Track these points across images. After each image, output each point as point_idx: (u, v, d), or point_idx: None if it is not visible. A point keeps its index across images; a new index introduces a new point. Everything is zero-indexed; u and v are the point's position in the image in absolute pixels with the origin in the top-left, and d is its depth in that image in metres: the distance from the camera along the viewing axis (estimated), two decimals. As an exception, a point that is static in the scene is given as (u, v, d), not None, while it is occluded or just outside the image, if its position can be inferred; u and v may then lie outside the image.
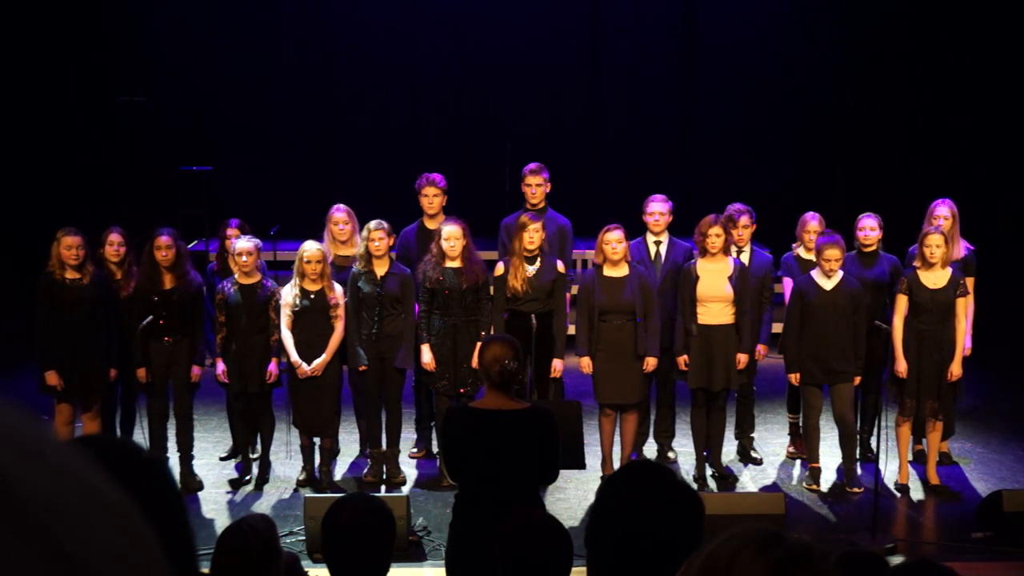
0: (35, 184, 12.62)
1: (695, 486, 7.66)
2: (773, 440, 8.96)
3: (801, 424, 8.29)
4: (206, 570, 3.60)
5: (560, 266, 8.02)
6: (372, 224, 7.86)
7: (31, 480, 0.59)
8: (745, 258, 8.21)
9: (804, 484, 8.12)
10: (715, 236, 7.74)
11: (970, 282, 8.07)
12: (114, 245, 7.91)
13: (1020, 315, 11.43)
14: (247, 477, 8.12)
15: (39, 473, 0.60)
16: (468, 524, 4.79)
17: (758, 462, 8.58)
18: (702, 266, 7.83)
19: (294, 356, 7.73)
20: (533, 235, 7.82)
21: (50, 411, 7.84)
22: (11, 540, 0.56)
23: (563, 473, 5.16)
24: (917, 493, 8.00)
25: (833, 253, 7.71)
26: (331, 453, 8.20)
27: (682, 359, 7.91)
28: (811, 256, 8.21)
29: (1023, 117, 12.65)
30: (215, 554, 3.79)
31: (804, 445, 8.60)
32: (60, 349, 7.69)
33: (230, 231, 8.35)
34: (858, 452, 8.20)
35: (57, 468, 0.61)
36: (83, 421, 7.90)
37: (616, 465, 7.92)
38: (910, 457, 8.25)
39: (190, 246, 9.57)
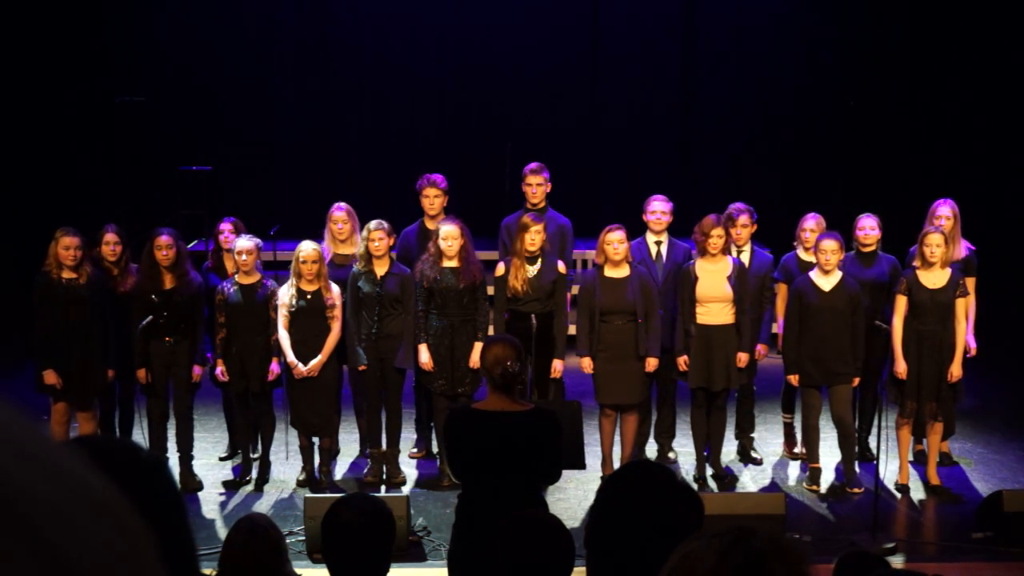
0: (35, 184, 12.62)
1: (695, 486, 7.65)
2: (773, 440, 8.95)
3: (800, 424, 8.28)
4: (207, 571, 3.60)
5: (561, 266, 8.02)
6: (372, 224, 7.86)
7: (26, 481, 0.59)
8: (745, 258, 8.21)
9: (804, 484, 8.12)
10: (717, 237, 7.74)
11: (971, 282, 8.07)
12: (110, 244, 7.91)
13: (1020, 315, 11.43)
14: (247, 477, 8.12)
15: (34, 474, 0.59)
16: (470, 524, 4.79)
17: (758, 462, 8.57)
18: (701, 266, 7.83)
19: (291, 356, 7.72)
20: (535, 236, 7.82)
21: (47, 410, 7.84)
22: (7, 543, 0.56)
23: (563, 473, 5.16)
24: (917, 493, 8.00)
25: (830, 245, 7.71)
26: (331, 453, 8.20)
27: (682, 359, 7.91)
28: (810, 257, 8.21)
29: (1023, 116, 12.65)
30: (225, 552, 3.78)
31: (796, 444, 8.64)
32: (57, 348, 7.71)
33: (224, 225, 8.38)
34: (856, 452, 8.20)
35: (52, 468, 0.61)
36: (79, 421, 7.91)
37: (616, 465, 7.91)
38: (910, 457, 8.24)
39: (190, 246, 9.57)
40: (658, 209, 8.15)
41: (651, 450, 8.53)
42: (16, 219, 12.06)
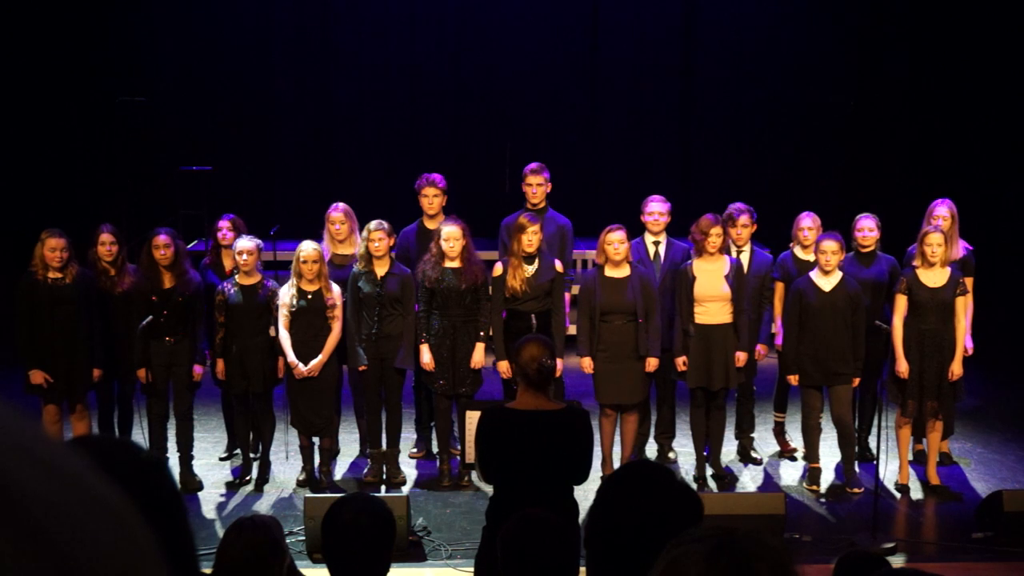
0: (35, 184, 12.62)
1: (695, 486, 7.66)
2: (773, 440, 8.95)
3: (801, 423, 8.29)
4: (207, 570, 3.59)
5: (558, 265, 8.02)
6: (372, 224, 7.86)
7: (29, 482, 0.59)
8: (745, 258, 8.22)
9: (804, 484, 8.12)
10: (716, 236, 7.74)
11: (969, 282, 8.08)
12: (106, 244, 7.88)
13: (1020, 315, 11.44)
14: (247, 477, 8.12)
15: (36, 474, 0.60)
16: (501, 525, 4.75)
17: (758, 462, 8.58)
18: (698, 266, 7.83)
19: (291, 356, 7.72)
20: (532, 237, 7.82)
21: (36, 412, 7.81)
22: (9, 543, 0.56)
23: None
24: (917, 493, 8.00)
25: (831, 246, 7.72)
26: (331, 453, 8.20)
27: (680, 360, 7.91)
28: (808, 256, 8.21)
29: (1022, 117, 12.65)
30: (220, 550, 3.78)
31: (788, 443, 8.64)
32: (43, 349, 7.70)
33: (222, 223, 8.40)
34: (856, 452, 8.20)
35: (54, 469, 0.61)
36: (72, 421, 7.90)
37: (616, 465, 7.91)
38: (910, 457, 8.24)
39: (190, 246, 9.58)
40: (656, 210, 8.15)
41: (651, 450, 8.53)
42: (16, 219, 12.05)
